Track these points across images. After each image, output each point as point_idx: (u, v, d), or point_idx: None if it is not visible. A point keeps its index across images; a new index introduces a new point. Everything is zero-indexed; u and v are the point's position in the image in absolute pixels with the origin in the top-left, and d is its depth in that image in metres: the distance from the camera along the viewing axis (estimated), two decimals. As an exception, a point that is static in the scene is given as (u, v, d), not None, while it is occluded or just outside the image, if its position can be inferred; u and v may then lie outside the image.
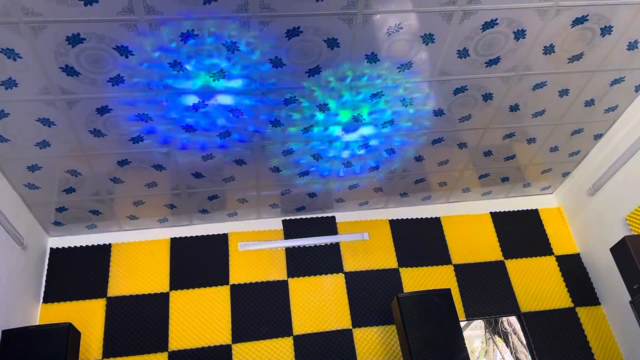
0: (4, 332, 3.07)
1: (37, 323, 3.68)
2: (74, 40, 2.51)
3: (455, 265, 4.22)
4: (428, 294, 3.48)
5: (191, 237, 4.16)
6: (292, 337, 3.82)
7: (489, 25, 2.84)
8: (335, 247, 4.22)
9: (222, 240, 4.16)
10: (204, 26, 2.58)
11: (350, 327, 3.88)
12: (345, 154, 3.71)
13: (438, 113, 3.46)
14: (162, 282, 3.94)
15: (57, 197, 3.61)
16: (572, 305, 4.11)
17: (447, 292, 3.49)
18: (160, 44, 2.63)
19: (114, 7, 2.40)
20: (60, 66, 2.63)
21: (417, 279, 4.12)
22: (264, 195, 4.02)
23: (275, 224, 4.31)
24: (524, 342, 4.22)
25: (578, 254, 4.35)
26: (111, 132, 3.13)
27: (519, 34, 2.94)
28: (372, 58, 2.94)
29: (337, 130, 3.47)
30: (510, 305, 4.08)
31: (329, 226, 4.32)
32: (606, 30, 3.03)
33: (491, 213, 4.52)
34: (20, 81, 2.67)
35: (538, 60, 3.15)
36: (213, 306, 3.89)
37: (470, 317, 4.04)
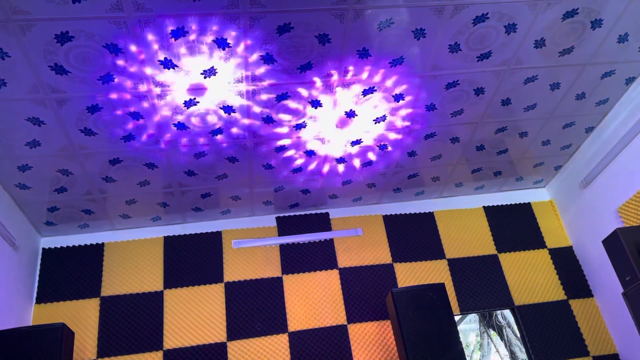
0: (-4, 333, 3.05)
1: (31, 324, 3.66)
2: (63, 38, 2.49)
3: (449, 260, 4.23)
4: (422, 289, 3.48)
5: (185, 235, 4.15)
6: (287, 333, 3.82)
7: (480, 19, 2.84)
8: (329, 243, 4.22)
9: (215, 238, 4.15)
10: (194, 23, 2.57)
11: (345, 323, 3.89)
12: (338, 150, 3.71)
13: (430, 108, 3.46)
14: (156, 281, 3.93)
15: (49, 196, 3.58)
16: (565, 297, 4.13)
17: (441, 287, 3.50)
18: (150, 41, 2.62)
19: (103, 5, 2.38)
20: (50, 64, 2.61)
21: (411, 274, 4.13)
22: (257, 193, 4.01)
23: (268, 221, 4.30)
24: (518, 335, 4.23)
25: (571, 247, 4.37)
26: (102, 130, 3.11)
27: (510, 28, 2.94)
28: (364, 53, 2.94)
29: (329, 126, 3.47)
30: (504, 298, 4.10)
31: (322, 222, 4.32)
32: (596, 24, 3.04)
33: (484, 207, 4.53)
34: (9, 80, 2.65)
35: (529, 54, 3.16)
36: (207, 304, 3.88)
37: (464, 311, 4.05)
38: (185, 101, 3.03)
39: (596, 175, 3.98)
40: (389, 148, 3.78)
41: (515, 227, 4.44)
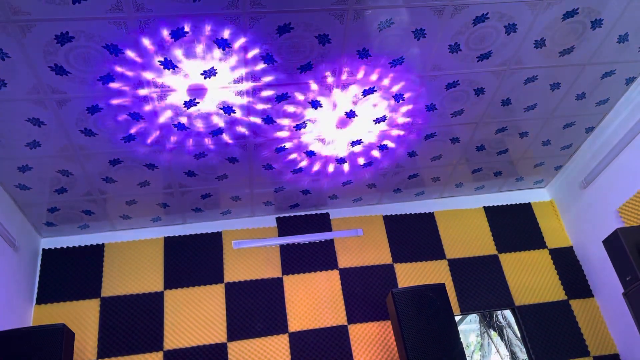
0: (-3, 334, 3.05)
1: (31, 324, 3.66)
2: (63, 38, 2.49)
3: (449, 260, 4.23)
4: (422, 289, 3.48)
5: (185, 235, 4.14)
6: (287, 334, 3.82)
7: (480, 19, 2.84)
8: (330, 243, 4.22)
9: (216, 239, 4.15)
10: (194, 23, 2.57)
11: (346, 323, 3.88)
12: (338, 150, 3.70)
13: (430, 108, 3.46)
14: (156, 282, 3.93)
15: (49, 197, 3.58)
16: (565, 297, 4.13)
17: (441, 287, 3.50)
18: (149, 42, 2.62)
19: (102, 5, 2.38)
20: (50, 65, 2.61)
21: (411, 274, 4.13)
22: (257, 193, 4.01)
23: (269, 221, 4.30)
24: (519, 335, 4.23)
25: (571, 247, 4.37)
26: (102, 131, 3.11)
27: (510, 28, 2.94)
28: (364, 53, 2.94)
29: (329, 127, 3.47)
30: (504, 298, 4.09)
31: (323, 223, 4.32)
32: (596, 24, 3.04)
33: (484, 207, 4.53)
34: (9, 81, 2.65)
35: (529, 54, 3.15)
36: (208, 305, 3.88)
37: (464, 311, 4.05)
38: (185, 102, 3.03)
39: (596, 175, 3.98)
40: (389, 148, 3.78)
41: (515, 227, 4.44)
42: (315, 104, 3.25)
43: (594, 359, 3.89)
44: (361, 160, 3.87)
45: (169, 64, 2.76)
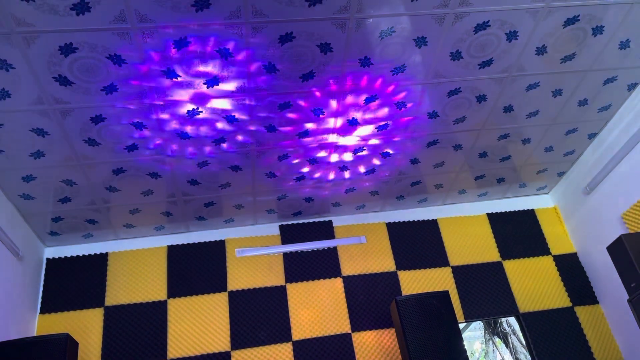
0: (0, 344, 3.05)
1: (35, 334, 3.66)
2: (67, 49, 2.51)
3: (453, 267, 4.22)
4: (426, 297, 3.47)
5: (188, 244, 4.15)
6: (291, 342, 3.81)
7: (481, 27, 2.85)
8: (333, 251, 4.21)
9: (219, 247, 4.16)
10: (196, 33, 2.58)
11: (349, 332, 3.87)
12: (341, 157, 3.71)
13: (432, 115, 3.46)
14: (159, 290, 3.93)
15: (53, 207, 3.59)
16: (570, 304, 4.11)
17: (445, 294, 3.49)
18: (153, 52, 2.63)
19: (106, 16, 2.40)
20: (54, 76, 2.63)
21: (415, 282, 4.12)
22: (260, 201, 4.01)
23: (272, 229, 4.30)
24: (524, 342, 4.21)
25: (575, 254, 4.35)
26: (106, 140, 3.12)
27: (511, 35, 2.95)
28: (366, 62, 2.95)
29: (332, 135, 3.48)
30: (508, 306, 4.08)
31: (326, 230, 4.32)
32: (598, 30, 3.05)
33: (488, 214, 4.52)
34: (13, 92, 2.67)
35: (531, 61, 3.16)
36: (211, 313, 3.87)
37: (469, 318, 4.03)
38: (188, 111, 3.04)
39: (600, 181, 3.97)
40: (392, 155, 3.79)
41: (519, 233, 4.43)
42: (318, 112, 3.26)
43: (599, 366, 3.88)
44: (363, 168, 3.87)
45: (172, 74, 2.78)
